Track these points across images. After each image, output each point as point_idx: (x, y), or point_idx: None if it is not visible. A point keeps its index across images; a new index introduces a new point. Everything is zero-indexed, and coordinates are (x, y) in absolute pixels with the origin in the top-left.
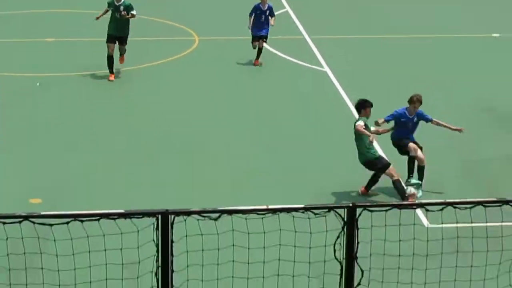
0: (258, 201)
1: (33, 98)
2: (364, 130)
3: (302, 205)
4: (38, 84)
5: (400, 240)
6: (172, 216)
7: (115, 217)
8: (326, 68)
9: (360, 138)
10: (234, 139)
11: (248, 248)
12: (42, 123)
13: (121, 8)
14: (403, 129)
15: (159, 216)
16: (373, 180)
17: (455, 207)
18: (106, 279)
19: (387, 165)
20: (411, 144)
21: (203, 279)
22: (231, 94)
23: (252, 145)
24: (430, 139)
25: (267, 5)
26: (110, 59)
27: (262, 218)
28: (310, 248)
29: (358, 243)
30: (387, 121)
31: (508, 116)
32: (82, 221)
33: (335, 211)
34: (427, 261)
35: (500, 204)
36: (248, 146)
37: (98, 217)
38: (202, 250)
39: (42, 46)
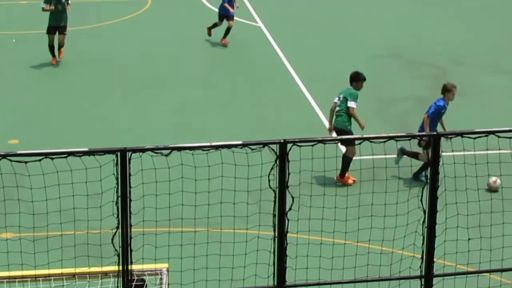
0: (203, 138)
1: (9, 52)
2: (357, 116)
3: (240, 142)
4: (14, 40)
5: (324, 171)
6: (130, 152)
7: (81, 154)
8: (260, 24)
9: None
10: (181, 84)
11: (195, 180)
12: (18, 72)
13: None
14: (435, 122)
15: (118, 153)
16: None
17: (371, 141)
18: (74, 208)
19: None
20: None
21: (157, 207)
22: (178, 47)
23: (197, 90)
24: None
25: None
26: (51, 47)
27: (206, 153)
28: (248, 179)
29: (289, 173)
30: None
31: (414, 62)
32: (52, 158)
33: (269, 146)
34: (348, 188)
35: (409, 138)
36: (194, 91)
37: (66, 155)
38: (156, 182)
39: (17, 8)
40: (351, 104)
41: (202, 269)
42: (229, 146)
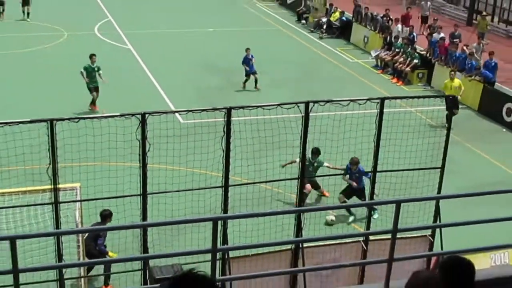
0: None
1: None
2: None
3: (118, 113)
4: None
5: (167, 129)
6: None
7: None
8: (129, 46)
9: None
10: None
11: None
12: None
13: None
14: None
15: None
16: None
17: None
18: None
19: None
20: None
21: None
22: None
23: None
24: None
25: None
26: None
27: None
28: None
29: (147, 131)
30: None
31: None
32: None
33: (136, 116)
34: None
35: (199, 110)
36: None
37: None
38: None
39: None
40: (326, 163)
41: (98, 185)
42: (107, 117)
